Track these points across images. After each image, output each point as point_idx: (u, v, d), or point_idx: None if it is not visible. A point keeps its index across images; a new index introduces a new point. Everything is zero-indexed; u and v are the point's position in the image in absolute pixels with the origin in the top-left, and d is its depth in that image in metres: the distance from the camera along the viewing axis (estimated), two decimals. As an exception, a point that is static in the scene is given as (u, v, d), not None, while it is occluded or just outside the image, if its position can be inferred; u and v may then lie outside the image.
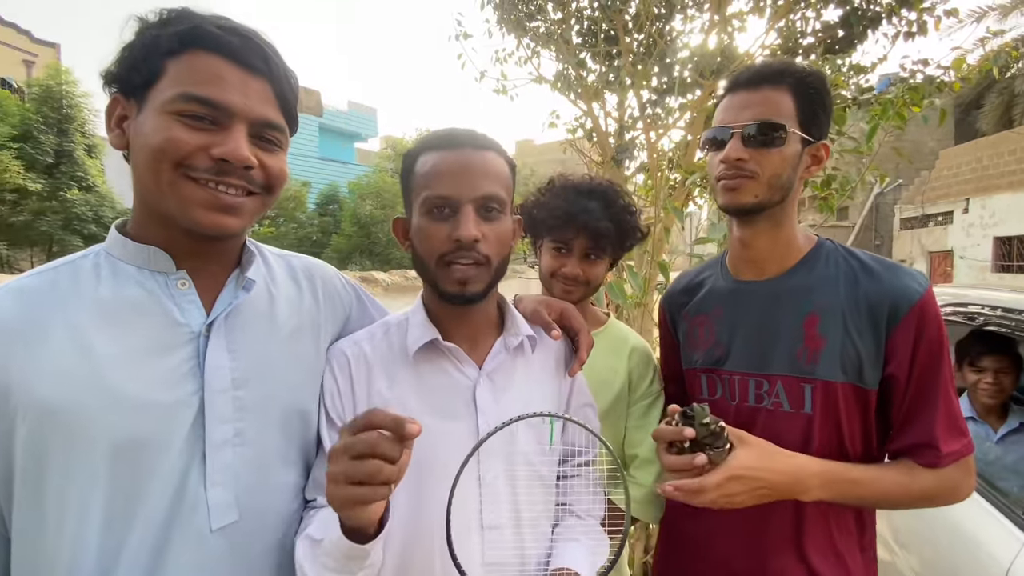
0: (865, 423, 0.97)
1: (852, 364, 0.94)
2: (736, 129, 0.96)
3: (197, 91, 0.73)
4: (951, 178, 14.59)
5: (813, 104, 0.96)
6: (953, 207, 14.18)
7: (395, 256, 25.06)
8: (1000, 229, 12.78)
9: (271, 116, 0.79)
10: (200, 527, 0.76)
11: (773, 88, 0.96)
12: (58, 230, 18.65)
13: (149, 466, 0.73)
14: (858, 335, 0.94)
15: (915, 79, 2.98)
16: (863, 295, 0.95)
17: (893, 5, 3.32)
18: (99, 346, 0.73)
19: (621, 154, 3.93)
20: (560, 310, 1.08)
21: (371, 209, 25.58)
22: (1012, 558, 1.35)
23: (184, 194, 0.74)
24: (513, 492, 0.92)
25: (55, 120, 19.40)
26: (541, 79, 4.29)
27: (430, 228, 0.89)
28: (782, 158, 0.95)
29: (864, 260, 0.99)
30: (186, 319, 0.79)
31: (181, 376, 0.77)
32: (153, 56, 0.74)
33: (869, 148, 1.84)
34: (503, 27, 4.22)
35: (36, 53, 24.56)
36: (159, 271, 0.80)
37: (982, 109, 16.16)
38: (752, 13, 3.57)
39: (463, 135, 0.93)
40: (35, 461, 0.71)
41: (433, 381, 0.94)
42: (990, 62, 2.75)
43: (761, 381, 1.00)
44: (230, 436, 0.79)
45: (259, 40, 0.79)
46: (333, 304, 1.01)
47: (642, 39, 3.82)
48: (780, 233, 1.02)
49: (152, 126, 0.73)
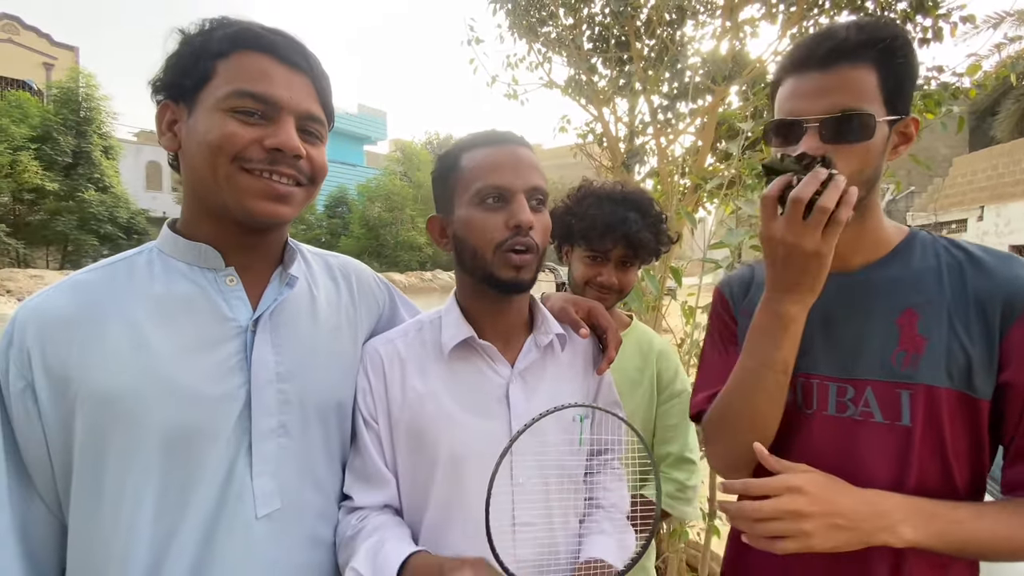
0: (974, 441, 0.81)
1: (960, 368, 0.79)
2: (811, 123, 0.80)
3: (248, 87, 0.78)
4: (965, 185, 14.43)
5: (900, 76, 0.80)
6: (967, 215, 14.01)
7: (403, 258, 25.19)
8: (1016, 237, 12.60)
9: (314, 109, 0.83)
10: (246, 514, 0.79)
11: (853, 66, 0.78)
12: (73, 229, 18.97)
13: (199, 455, 0.77)
14: (967, 335, 0.79)
15: (930, 86, 2.97)
16: (972, 289, 0.80)
17: (908, 11, 3.29)
18: (153, 339, 0.77)
19: (631, 159, 3.93)
20: (588, 308, 1.09)
21: (379, 211, 25.76)
22: None
23: (241, 185, 0.79)
24: (545, 490, 0.93)
25: (74, 122, 19.77)
26: (552, 84, 4.31)
27: (485, 218, 0.91)
28: (869, 151, 0.79)
29: (971, 251, 0.84)
30: (234, 314, 0.83)
31: (229, 369, 0.80)
32: (204, 59, 0.79)
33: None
34: (515, 32, 4.24)
35: (56, 56, 25.01)
36: (209, 268, 0.84)
37: (997, 116, 15.98)
38: (764, 20, 3.56)
39: (507, 133, 0.97)
40: (93, 449, 0.74)
41: (467, 379, 0.95)
42: (1007, 68, 2.72)
43: (845, 387, 0.85)
44: (274, 427, 0.82)
45: (299, 41, 0.84)
46: (368, 302, 1.04)
47: (653, 45, 3.83)
48: (866, 223, 0.86)
49: (207, 124, 0.78)
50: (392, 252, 25.09)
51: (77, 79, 20.28)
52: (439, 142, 33.57)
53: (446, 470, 0.90)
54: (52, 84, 21.34)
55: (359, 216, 26.30)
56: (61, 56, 25.10)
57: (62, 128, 19.31)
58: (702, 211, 3.52)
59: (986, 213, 13.43)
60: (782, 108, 0.85)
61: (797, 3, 3.32)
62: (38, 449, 0.75)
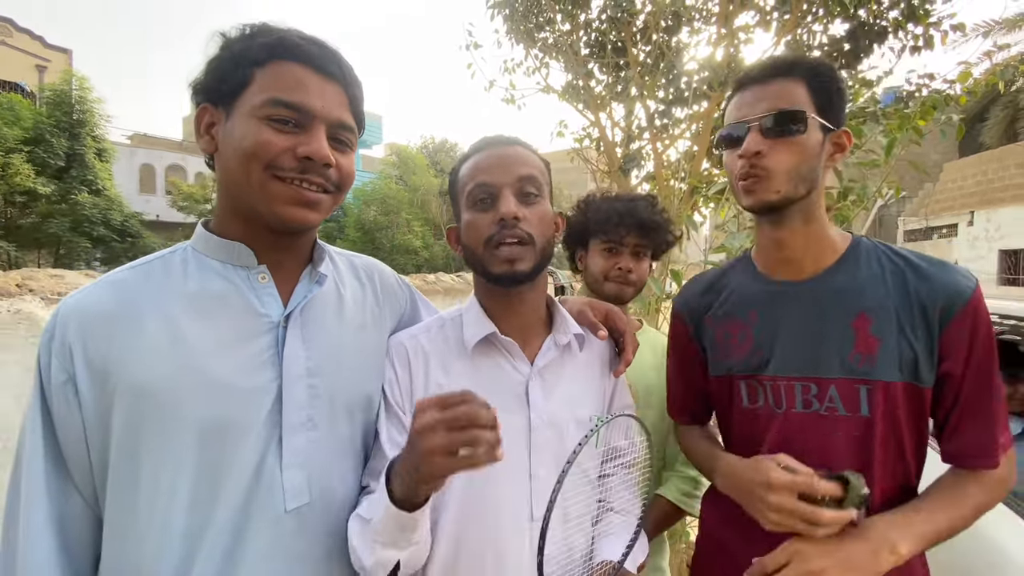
0: (920, 424, 0.94)
1: (908, 363, 0.91)
2: (752, 122, 0.93)
3: (284, 96, 0.80)
4: (956, 191, 14.59)
5: (828, 92, 0.94)
6: (958, 219, 14.17)
7: (399, 262, 25.17)
8: (1006, 242, 12.76)
9: (345, 118, 0.86)
10: (276, 508, 0.80)
11: (786, 79, 0.93)
12: (66, 232, 18.82)
13: (232, 448, 0.78)
14: (912, 334, 0.91)
15: (920, 93, 3.01)
16: (913, 293, 0.92)
17: (900, 20, 3.34)
18: (189, 334, 0.79)
19: (628, 164, 3.96)
20: (605, 311, 1.11)
21: (375, 215, 25.72)
22: None
23: (272, 191, 0.81)
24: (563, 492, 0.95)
25: (67, 124, 19.62)
26: (549, 89, 4.34)
27: (476, 219, 0.95)
28: (804, 147, 0.92)
29: (909, 258, 0.96)
30: (266, 310, 0.85)
31: (262, 363, 0.82)
32: (243, 66, 0.81)
33: (886, 162, 1.86)
34: (512, 37, 4.27)
35: (49, 58, 24.90)
36: (242, 266, 0.86)
37: (986, 122, 16.17)
38: (759, 27, 3.61)
39: (494, 137, 1.03)
40: (131, 441, 0.75)
41: (488, 374, 0.97)
42: (996, 76, 2.77)
43: (809, 385, 0.95)
44: (304, 420, 0.84)
45: (334, 49, 0.86)
46: (391, 301, 1.07)
47: (650, 51, 3.86)
48: (812, 229, 0.97)
49: (243, 130, 0.80)
50: (388, 256, 25.03)
51: (70, 81, 20.16)
52: (435, 146, 33.55)
53: None
54: (45, 86, 21.23)
55: (355, 220, 26.25)
56: (54, 58, 24.99)
57: (55, 131, 19.16)
58: (698, 215, 3.55)
59: (976, 218, 13.59)
60: (728, 118, 0.99)
61: (791, 11, 3.37)
62: (77, 443, 0.77)
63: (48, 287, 13.68)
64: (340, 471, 0.90)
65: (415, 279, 17.83)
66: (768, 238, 1.01)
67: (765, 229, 1.01)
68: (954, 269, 0.93)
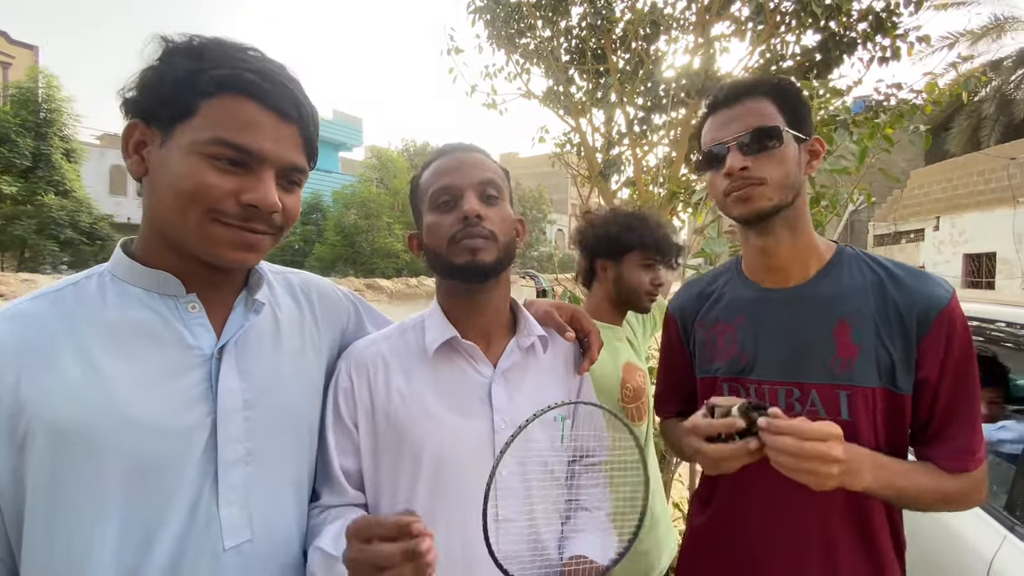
0: (899, 429, 0.96)
1: (886, 369, 0.94)
2: (730, 142, 0.97)
3: (232, 138, 0.73)
4: (922, 197, 15.08)
5: (793, 105, 0.98)
6: (924, 224, 14.65)
7: (379, 266, 24.94)
8: (969, 247, 13.24)
9: (298, 161, 0.80)
10: (214, 546, 0.76)
11: (753, 99, 0.98)
12: (32, 234, 18.19)
13: (164, 488, 0.73)
14: (890, 342, 0.94)
15: (889, 102, 3.12)
16: (892, 303, 0.95)
17: (869, 31, 3.46)
18: (110, 369, 0.72)
19: (608, 169, 4.01)
20: (572, 312, 1.13)
21: (355, 219, 25.46)
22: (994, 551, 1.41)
23: (211, 234, 0.75)
24: (527, 488, 0.96)
25: (33, 124, 18.99)
26: (530, 94, 4.37)
27: (439, 219, 0.96)
28: (784, 158, 0.96)
29: (889, 267, 0.99)
30: (197, 342, 0.79)
31: (193, 399, 0.77)
32: (187, 94, 0.73)
33: (858, 169, 1.93)
34: (493, 43, 4.29)
35: (13, 55, 24.06)
36: (169, 295, 0.79)
37: (951, 131, 16.79)
38: (735, 36, 3.70)
39: (454, 144, 1.04)
40: (48, 483, 0.69)
41: (450, 379, 0.97)
42: (960, 87, 2.88)
43: (792, 389, 0.99)
44: (242, 455, 0.79)
45: (292, 86, 0.79)
46: (330, 319, 1.02)
47: (629, 58, 3.92)
48: (799, 237, 1.01)
49: (181, 167, 0.72)
50: (368, 259, 24.77)
51: (36, 79, 19.54)
52: (416, 149, 33.40)
53: (430, 469, 0.92)
54: (10, 84, 20.52)
55: (334, 223, 25.93)
56: (19, 55, 24.17)
57: (20, 130, 18.53)
58: (676, 220, 3.61)
59: (942, 223, 14.07)
60: (705, 141, 1.03)
61: (766, 22, 3.45)
62: None
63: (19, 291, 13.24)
64: (287, 505, 0.86)
65: (397, 283, 17.64)
66: (754, 247, 1.04)
67: (751, 238, 1.04)
68: (931, 279, 0.96)
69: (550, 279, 5.43)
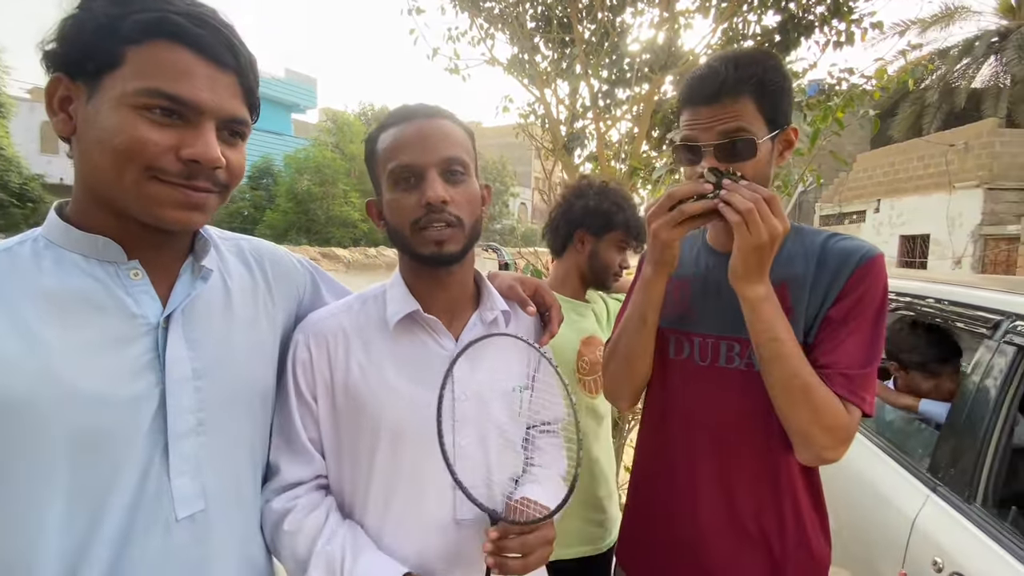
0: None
1: (808, 327, 1.02)
2: (706, 148, 0.98)
3: (166, 87, 0.68)
4: (866, 180, 15.80)
5: (775, 99, 0.98)
6: (866, 206, 15.41)
7: (335, 235, 24.22)
8: (906, 228, 14.03)
9: (239, 112, 0.76)
10: (166, 516, 0.75)
11: (734, 99, 0.96)
12: (-50, 195, 16.71)
13: (111, 459, 0.72)
14: (818, 303, 1.01)
15: (841, 86, 3.22)
16: (824, 261, 1.02)
17: (826, 15, 3.53)
18: (49, 339, 0.69)
19: (572, 142, 4.00)
20: (535, 287, 1.14)
21: (309, 185, 24.47)
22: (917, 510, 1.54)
23: (151, 194, 0.71)
24: (485, 456, 0.98)
25: (-51, 72, 17.21)
26: (494, 61, 4.26)
27: (400, 199, 0.92)
28: (757, 163, 0.98)
29: (826, 235, 1.07)
30: (142, 311, 0.76)
31: (140, 368, 0.75)
32: (111, 41, 0.67)
33: (810, 151, 1.99)
34: (456, 5, 4.14)
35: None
36: (108, 261, 0.75)
37: (895, 117, 17.53)
38: (699, 12, 3.70)
39: (417, 107, 0.97)
40: None
41: (411, 351, 0.97)
42: (907, 74, 3.00)
43: (732, 343, 1.06)
44: (193, 425, 0.78)
45: (227, 31, 0.74)
46: (284, 288, 0.99)
47: (595, 29, 3.87)
48: None
49: (113, 121, 0.68)
50: (323, 228, 23.96)
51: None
52: (374, 114, 32.20)
53: (389, 440, 0.93)
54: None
55: (286, 189, 24.85)
56: (-74, -9, 21.64)
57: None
58: (636, 196, 3.65)
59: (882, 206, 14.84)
60: (683, 134, 1.04)
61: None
62: None
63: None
64: (242, 475, 0.86)
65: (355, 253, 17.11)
66: (718, 224, 1.06)
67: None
68: (862, 241, 1.04)
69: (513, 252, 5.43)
